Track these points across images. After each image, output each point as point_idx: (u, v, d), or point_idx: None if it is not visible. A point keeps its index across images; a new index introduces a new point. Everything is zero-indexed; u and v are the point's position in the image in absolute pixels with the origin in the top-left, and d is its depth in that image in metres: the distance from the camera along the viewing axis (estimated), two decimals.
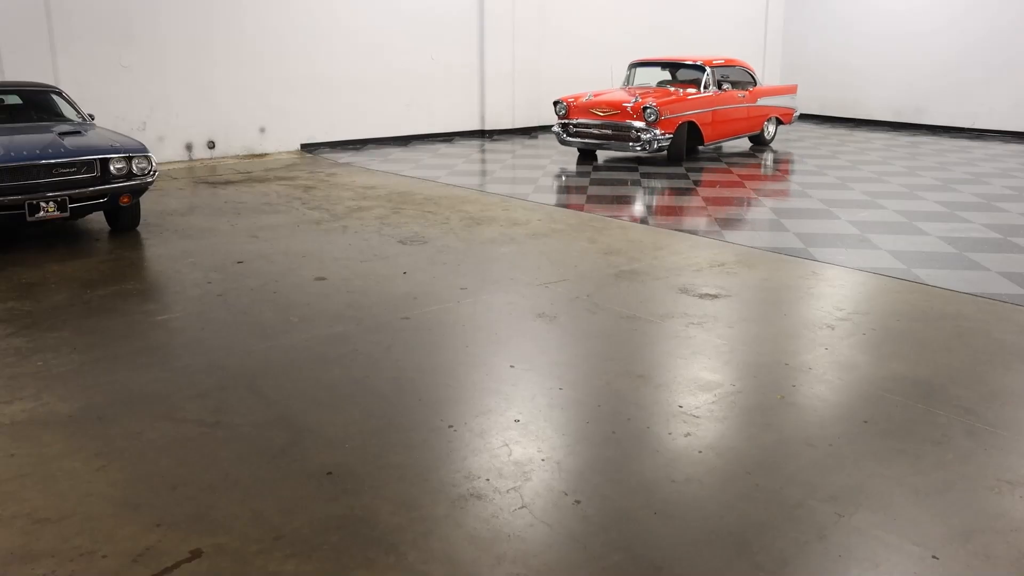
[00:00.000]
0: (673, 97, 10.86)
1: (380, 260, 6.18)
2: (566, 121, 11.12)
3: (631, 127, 10.46)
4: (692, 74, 11.77)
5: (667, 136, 10.52)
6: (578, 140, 11.10)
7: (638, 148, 10.47)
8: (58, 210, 6.27)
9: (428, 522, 2.84)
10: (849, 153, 12.44)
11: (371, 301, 5.23)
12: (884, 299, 5.37)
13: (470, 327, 4.77)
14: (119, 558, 2.63)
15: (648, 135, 10.34)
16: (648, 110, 10.26)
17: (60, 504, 2.93)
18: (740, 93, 11.82)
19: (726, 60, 12.15)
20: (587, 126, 10.91)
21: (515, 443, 3.39)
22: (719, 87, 11.50)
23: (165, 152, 10.75)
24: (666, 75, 12.41)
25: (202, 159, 11.21)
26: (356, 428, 3.52)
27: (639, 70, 12.28)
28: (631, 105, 10.50)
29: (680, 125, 10.72)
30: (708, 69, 11.42)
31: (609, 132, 10.68)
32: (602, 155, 11.76)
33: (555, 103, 11.16)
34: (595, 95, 11.16)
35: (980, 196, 8.91)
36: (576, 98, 11.10)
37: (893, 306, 5.22)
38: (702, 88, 11.30)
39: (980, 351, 4.44)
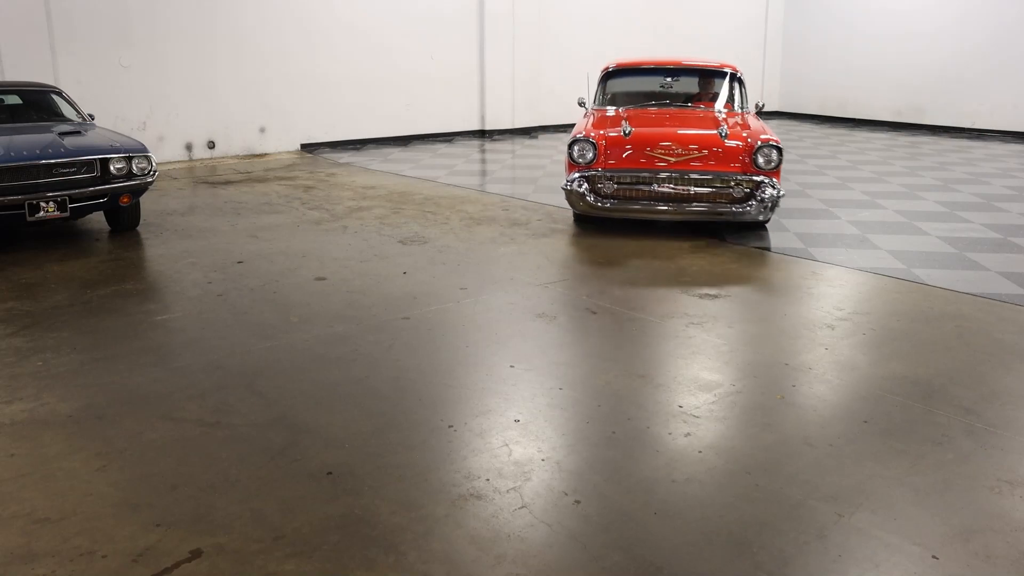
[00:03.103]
0: (759, 127, 7.24)
1: (380, 260, 6.18)
2: (594, 172, 6.77)
3: (738, 180, 6.65)
4: (708, 85, 8.14)
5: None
6: (624, 206, 6.77)
7: (739, 210, 6.67)
8: (58, 210, 6.27)
9: (428, 522, 2.84)
10: (849, 153, 12.44)
11: (371, 301, 5.23)
12: (884, 299, 5.37)
13: (470, 327, 4.77)
14: (119, 558, 2.63)
15: (770, 192, 6.61)
16: (767, 150, 6.63)
17: (60, 504, 2.93)
18: None
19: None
20: (644, 181, 6.72)
21: (515, 443, 3.39)
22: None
23: (165, 152, 10.75)
24: (644, 86, 8.30)
25: (202, 159, 11.21)
26: (356, 428, 3.52)
27: (615, 81, 8.23)
28: (732, 143, 6.69)
29: None
30: (740, 78, 8.06)
31: (691, 190, 6.69)
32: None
33: (572, 144, 6.85)
34: (637, 122, 7.08)
35: (980, 196, 8.91)
36: (608, 134, 6.85)
37: (893, 306, 5.22)
38: (739, 106, 7.90)
39: (980, 351, 4.44)
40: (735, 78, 8.07)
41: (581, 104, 8.17)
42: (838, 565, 2.64)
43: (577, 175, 6.82)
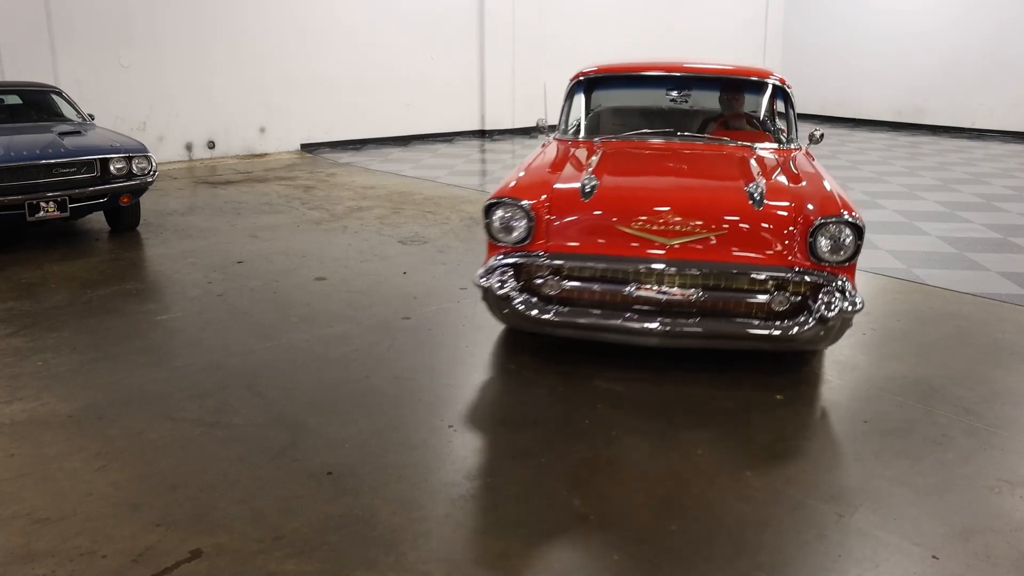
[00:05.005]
0: (818, 178, 4.36)
1: (380, 260, 6.18)
2: (529, 259, 3.94)
3: (782, 280, 3.82)
4: (736, 103, 5.39)
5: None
6: (580, 320, 3.91)
7: (782, 333, 3.78)
8: (58, 210, 6.27)
9: (428, 522, 2.84)
10: (849, 153, 12.44)
11: (371, 301, 5.23)
12: (884, 299, 5.37)
13: (470, 327, 4.76)
14: (119, 558, 2.63)
15: (838, 303, 3.73)
16: (835, 228, 3.79)
17: (60, 504, 2.93)
18: None
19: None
20: (616, 278, 3.90)
21: (516, 443, 3.39)
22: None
23: (165, 152, 10.75)
24: (638, 103, 5.56)
25: (202, 159, 11.21)
26: (356, 428, 3.52)
27: (593, 96, 5.46)
28: (772, 213, 3.89)
29: None
30: (787, 92, 5.22)
31: (697, 296, 3.84)
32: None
33: (491, 208, 3.99)
34: (613, 168, 4.40)
35: (980, 196, 8.91)
36: (557, 191, 4.07)
37: (893, 306, 5.22)
38: (788, 138, 5.06)
39: (980, 351, 4.44)
40: (780, 93, 5.19)
41: (540, 129, 5.61)
42: (838, 565, 2.64)
43: (501, 262, 3.94)
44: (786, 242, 3.82)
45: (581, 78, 5.44)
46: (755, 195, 3.93)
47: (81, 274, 5.83)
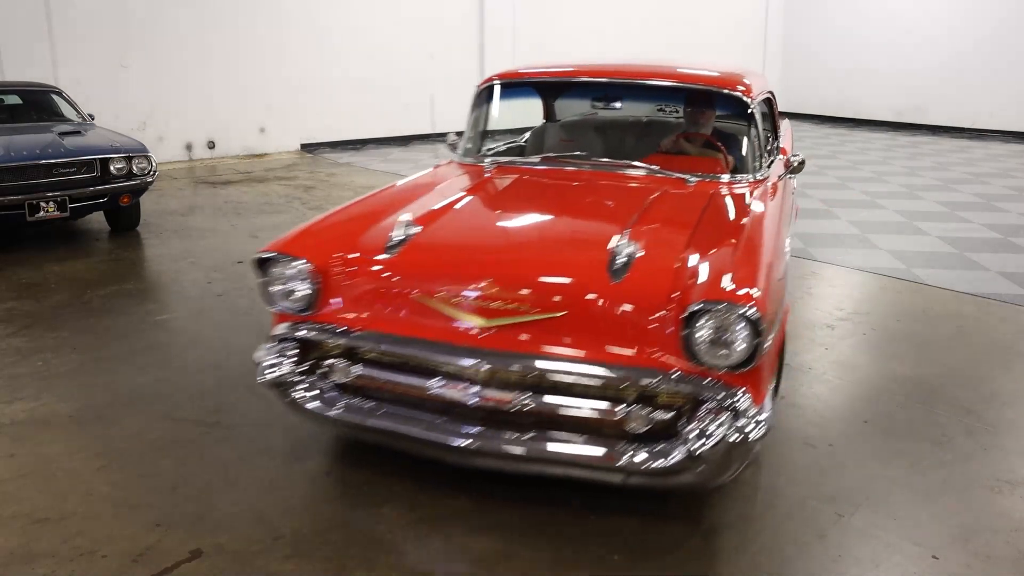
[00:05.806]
0: (741, 233, 2.99)
1: None
2: (313, 334, 2.96)
3: (645, 388, 2.57)
4: (699, 119, 4.12)
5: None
6: (372, 421, 2.84)
7: (638, 462, 2.57)
8: (58, 210, 6.27)
9: (428, 522, 2.84)
10: (849, 153, 12.44)
11: None
12: (884, 299, 5.37)
13: None
14: (119, 558, 2.63)
15: (717, 429, 2.50)
16: (721, 316, 2.47)
17: (60, 504, 2.93)
18: None
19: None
20: (417, 368, 2.79)
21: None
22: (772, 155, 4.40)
23: (165, 152, 10.75)
24: (574, 114, 4.79)
25: (202, 159, 11.21)
26: None
27: (505, 105, 4.51)
28: (634, 291, 2.65)
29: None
30: (750, 107, 3.86)
31: (523, 404, 2.65)
32: None
33: (263, 263, 3.15)
34: (462, 212, 3.38)
35: (980, 196, 8.91)
36: (357, 246, 3.09)
37: (893, 306, 5.22)
38: (751, 168, 3.81)
39: (980, 351, 4.44)
40: (738, 105, 3.92)
41: (453, 145, 4.63)
42: (838, 565, 2.64)
43: (281, 335, 3.09)
44: (654, 333, 2.60)
45: (496, 82, 4.38)
46: (619, 260, 2.75)
47: (81, 274, 5.83)
